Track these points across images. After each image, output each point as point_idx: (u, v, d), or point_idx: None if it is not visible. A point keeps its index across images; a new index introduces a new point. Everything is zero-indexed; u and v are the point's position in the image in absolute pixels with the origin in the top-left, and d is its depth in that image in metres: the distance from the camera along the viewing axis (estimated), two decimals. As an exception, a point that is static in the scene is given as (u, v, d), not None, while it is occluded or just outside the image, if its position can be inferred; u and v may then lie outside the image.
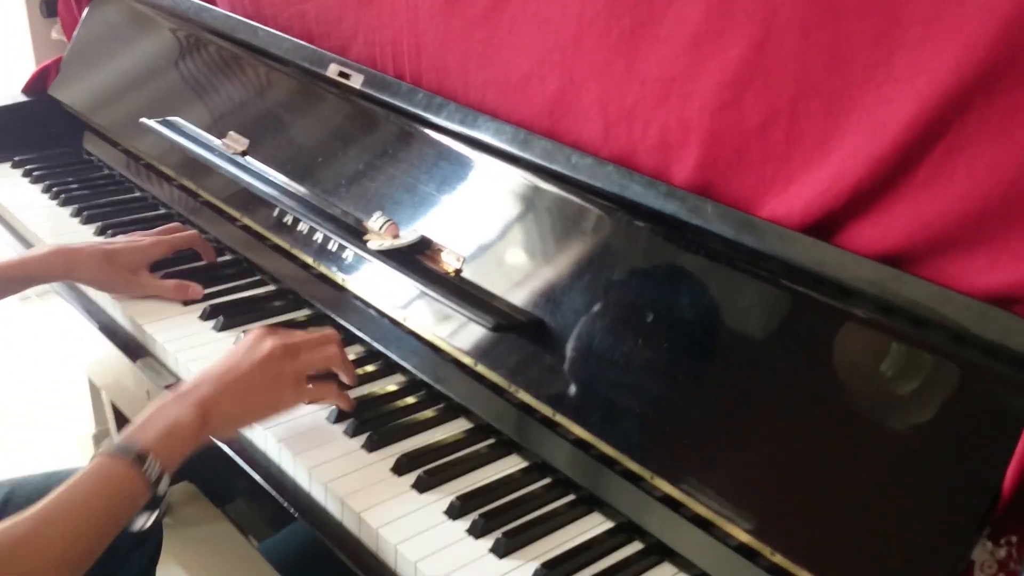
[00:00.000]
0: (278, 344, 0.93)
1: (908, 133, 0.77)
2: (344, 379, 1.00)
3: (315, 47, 1.29)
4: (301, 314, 1.19)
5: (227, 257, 1.31)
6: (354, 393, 1.03)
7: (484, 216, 1.05)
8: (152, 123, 1.34)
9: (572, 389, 0.92)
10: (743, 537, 0.78)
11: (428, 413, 1.02)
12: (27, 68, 1.80)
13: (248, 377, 0.91)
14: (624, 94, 0.94)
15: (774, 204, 0.85)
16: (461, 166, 1.09)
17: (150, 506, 0.84)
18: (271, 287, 1.25)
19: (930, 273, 0.77)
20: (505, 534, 0.85)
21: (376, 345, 1.10)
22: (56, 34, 1.80)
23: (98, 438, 2.01)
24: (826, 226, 0.83)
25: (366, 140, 1.20)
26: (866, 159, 0.79)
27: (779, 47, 0.82)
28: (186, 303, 1.19)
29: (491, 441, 0.98)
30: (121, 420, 1.82)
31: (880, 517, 0.73)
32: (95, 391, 1.96)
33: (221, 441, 0.93)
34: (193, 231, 1.28)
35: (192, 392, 0.89)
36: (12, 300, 1.18)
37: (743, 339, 0.84)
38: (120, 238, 1.23)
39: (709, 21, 0.86)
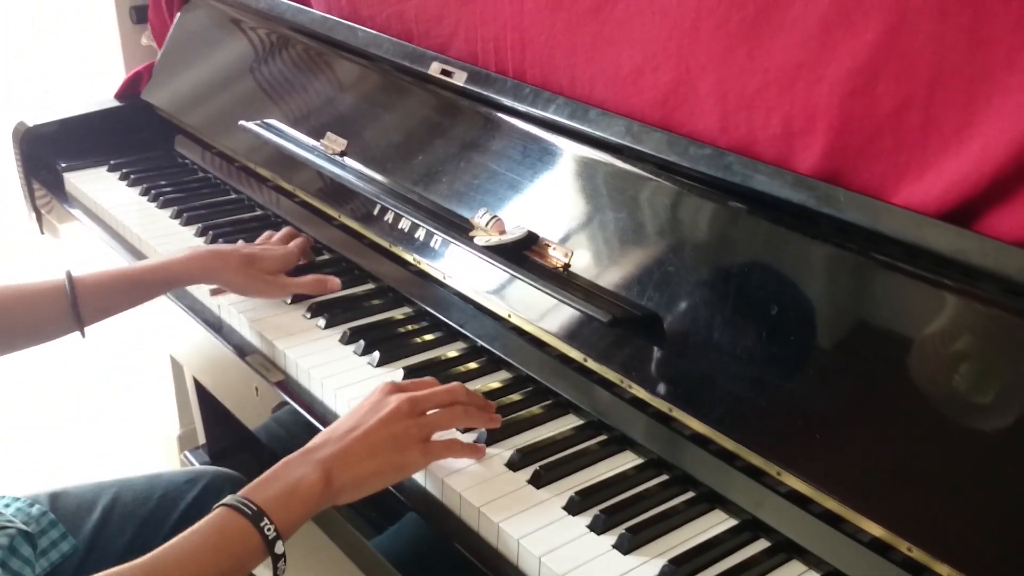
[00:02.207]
0: (403, 400, 0.90)
1: None
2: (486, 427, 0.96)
3: (415, 45, 1.29)
4: (400, 312, 1.19)
5: (325, 256, 1.32)
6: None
7: (592, 210, 1.04)
8: (251, 125, 1.36)
9: (691, 384, 0.90)
10: (876, 532, 0.76)
11: (535, 410, 1.01)
12: (117, 74, 1.84)
13: (374, 434, 0.87)
14: (745, 82, 0.92)
15: (908, 192, 0.82)
16: (567, 160, 1.08)
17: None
18: (370, 285, 1.25)
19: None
20: (628, 530, 0.84)
21: (479, 341, 1.10)
22: (146, 40, 1.83)
23: (183, 439, 2.04)
24: (964, 214, 0.80)
25: (467, 137, 1.20)
26: (1008, 144, 0.76)
27: (915, 31, 0.80)
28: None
29: (602, 437, 0.97)
30: (212, 414, 1.84)
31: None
32: (182, 392, 1.99)
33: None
34: (305, 236, 1.30)
35: (316, 450, 0.85)
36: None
37: (874, 330, 0.81)
38: (256, 246, 1.24)
39: (840, 5, 0.84)
